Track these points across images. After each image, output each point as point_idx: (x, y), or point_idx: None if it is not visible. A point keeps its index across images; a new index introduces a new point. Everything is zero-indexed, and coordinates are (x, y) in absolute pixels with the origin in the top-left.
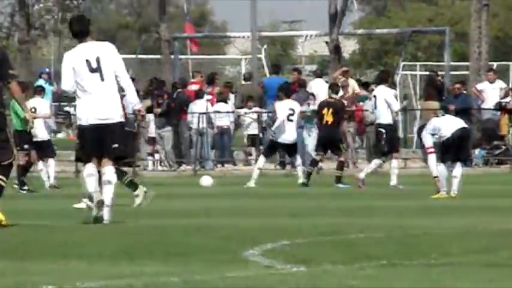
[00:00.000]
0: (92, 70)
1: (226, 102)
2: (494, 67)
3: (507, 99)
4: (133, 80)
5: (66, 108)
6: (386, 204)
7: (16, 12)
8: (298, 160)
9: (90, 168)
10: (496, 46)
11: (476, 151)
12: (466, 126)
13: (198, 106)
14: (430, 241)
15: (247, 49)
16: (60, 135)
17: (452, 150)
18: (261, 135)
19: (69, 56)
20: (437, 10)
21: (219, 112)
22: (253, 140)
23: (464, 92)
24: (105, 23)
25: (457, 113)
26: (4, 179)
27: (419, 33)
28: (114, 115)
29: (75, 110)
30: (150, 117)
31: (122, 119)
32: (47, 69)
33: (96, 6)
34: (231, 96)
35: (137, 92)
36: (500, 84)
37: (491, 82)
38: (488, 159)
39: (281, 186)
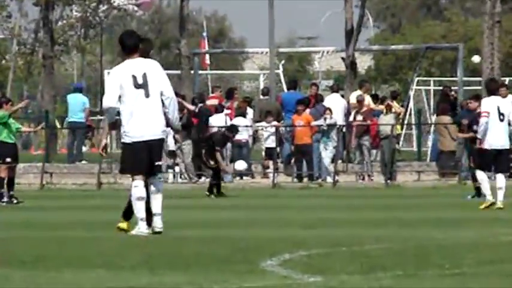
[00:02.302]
0: (137, 86)
1: (244, 116)
2: (507, 82)
3: None
4: None
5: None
6: (400, 216)
7: (40, 29)
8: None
9: (140, 190)
10: (508, 62)
11: None
12: (508, 147)
13: (217, 120)
14: (444, 252)
15: (265, 65)
16: (83, 148)
17: (489, 161)
18: (278, 149)
19: (116, 71)
20: (451, 27)
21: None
22: (270, 153)
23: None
24: None
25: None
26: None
27: (433, 49)
28: (156, 132)
29: (98, 123)
30: (170, 131)
31: (163, 136)
32: (80, 84)
33: (118, 23)
34: (249, 111)
35: None
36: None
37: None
38: None
39: (298, 198)
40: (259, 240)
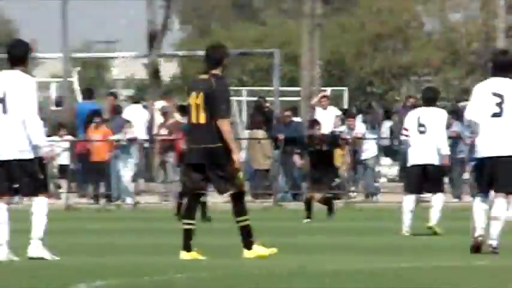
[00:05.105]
0: None
1: None
2: (328, 93)
3: (341, 129)
4: None
5: None
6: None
7: None
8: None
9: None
10: (329, 70)
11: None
12: (434, 163)
13: None
14: (252, 283)
15: (58, 72)
16: None
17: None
18: (72, 165)
19: None
20: (266, 31)
21: None
22: (64, 171)
23: (296, 119)
24: None
25: (288, 142)
26: None
27: (246, 55)
28: (13, 152)
29: None
30: None
31: (25, 157)
32: None
33: None
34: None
35: None
36: (334, 111)
37: (325, 108)
38: None
39: (94, 221)
40: (49, 269)
